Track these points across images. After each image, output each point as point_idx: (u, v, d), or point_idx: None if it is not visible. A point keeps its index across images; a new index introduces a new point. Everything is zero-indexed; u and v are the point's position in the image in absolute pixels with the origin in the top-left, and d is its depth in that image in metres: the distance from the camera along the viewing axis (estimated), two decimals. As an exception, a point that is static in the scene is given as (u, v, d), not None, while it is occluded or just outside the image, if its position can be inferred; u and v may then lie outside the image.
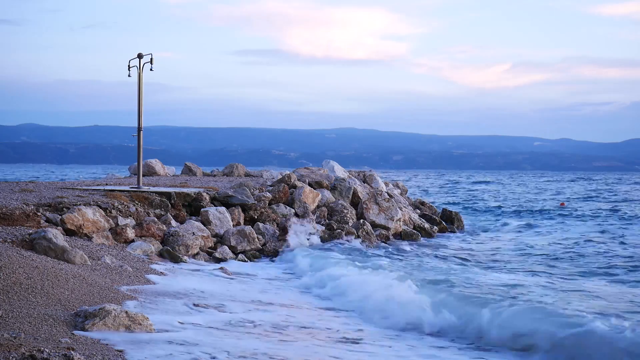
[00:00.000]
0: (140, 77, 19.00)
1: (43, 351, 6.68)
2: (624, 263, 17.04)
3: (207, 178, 26.35)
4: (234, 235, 16.88)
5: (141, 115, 19.29)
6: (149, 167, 27.49)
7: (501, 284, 13.35)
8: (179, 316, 9.57)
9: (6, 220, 13.82)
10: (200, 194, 18.41)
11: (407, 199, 28.45)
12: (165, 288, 11.53)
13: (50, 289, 9.61)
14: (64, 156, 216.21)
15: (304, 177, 22.12)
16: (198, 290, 11.59)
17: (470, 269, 15.53)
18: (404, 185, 29.55)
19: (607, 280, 14.57)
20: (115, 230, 15.19)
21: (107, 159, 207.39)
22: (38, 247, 12.12)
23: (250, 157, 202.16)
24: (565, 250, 19.74)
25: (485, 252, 19.08)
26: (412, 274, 13.77)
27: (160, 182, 22.06)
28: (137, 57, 18.93)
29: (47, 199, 16.19)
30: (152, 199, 17.46)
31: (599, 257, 18.23)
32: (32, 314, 8.28)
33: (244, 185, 19.80)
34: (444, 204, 38.94)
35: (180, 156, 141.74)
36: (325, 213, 20.01)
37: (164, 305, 10.17)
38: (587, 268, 16.23)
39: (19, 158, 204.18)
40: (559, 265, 16.75)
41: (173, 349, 7.83)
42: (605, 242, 21.76)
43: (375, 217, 20.52)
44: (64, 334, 7.74)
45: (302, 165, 33.07)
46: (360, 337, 9.31)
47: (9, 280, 9.38)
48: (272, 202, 19.66)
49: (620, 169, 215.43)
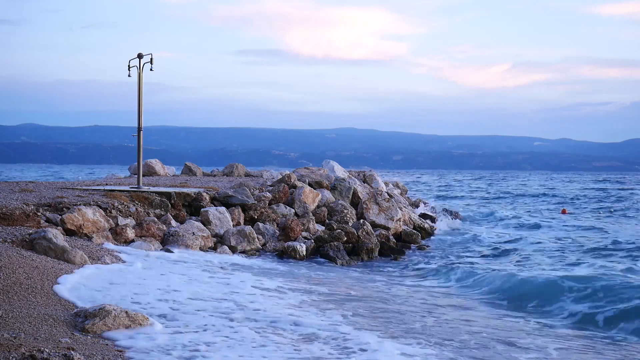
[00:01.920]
0: (140, 77, 18.99)
1: (43, 351, 6.67)
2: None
3: (207, 178, 26.35)
4: (234, 235, 16.88)
5: (141, 115, 19.28)
6: (149, 167, 27.49)
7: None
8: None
9: (6, 220, 13.82)
10: (200, 194, 18.41)
11: (407, 199, 28.46)
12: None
13: (50, 289, 9.61)
14: (64, 156, 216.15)
15: (304, 177, 22.12)
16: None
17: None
18: (404, 185, 29.57)
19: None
20: (115, 230, 15.19)
21: (107, 159, 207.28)
22: (38, 247, 12.11)
23: (250, 157, 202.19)
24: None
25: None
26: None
27: (160, 182, 22.06)
28: (137, 57, 18.93)
29: (47, 199, 16.19)
30: (152, 199, 17.46)
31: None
32: (32, 314, 8.28)
33: (244, 185, 19.80)
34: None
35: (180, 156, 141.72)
36: (325, 213, 20.01)
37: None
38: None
39: (19, 158, 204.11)
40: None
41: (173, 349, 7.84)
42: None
43: (375, 217, 20.50)
44: (64, 334, 7.74)
45: (302, 165, 33.07)
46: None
47: (9, 280, 9.38)
48: (272, 202, 19.66)
49: (620, 169, 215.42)
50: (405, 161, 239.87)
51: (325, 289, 12.69)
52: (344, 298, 11.98)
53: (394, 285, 14.17)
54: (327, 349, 8.34)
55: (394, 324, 10.14)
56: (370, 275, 15.53)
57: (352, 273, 15.62)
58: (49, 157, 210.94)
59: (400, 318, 10.67)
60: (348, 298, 12.03)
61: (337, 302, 11.41)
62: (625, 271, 15.59)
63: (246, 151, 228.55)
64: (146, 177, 24.55)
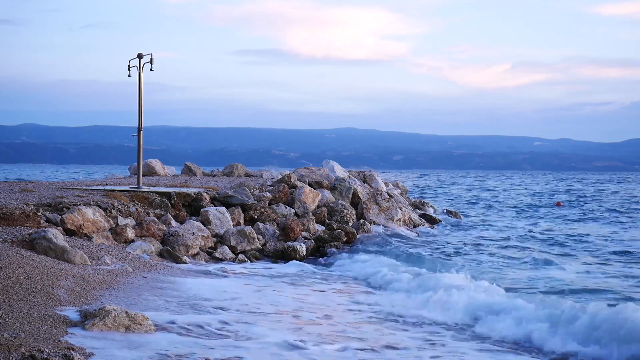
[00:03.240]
0: (140, 77, 19.00)
1: (43, 351, 6.68)
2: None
3: (207, 178, 26.36)
4: (234, 235, 16.88)
5: (141, 115, 19.29)
6: (149, 167, 27.51)
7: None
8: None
9: (6, 220, 13.82)
10: (200, 194, 18.41)
11: (407, 199, 28.48)
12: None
13: (50, 289, 9.61)
14: (64, 156, 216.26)
15: (304, 177, 22.13)
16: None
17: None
18: (403, 185, 29.59)
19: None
20: (115, 230, 15.19)
21: (107, 159, 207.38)
22: (38, 247, 12.12)
23: (250, 157, 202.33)
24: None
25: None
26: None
27: (160, 182, 22.06)
28: (137, 57, 18.94)
29: (47, 199, 16.19)
30: (152, 199, 17.47)
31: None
32: (32, 314, 8.28)
33: (244, 185, 19.80)
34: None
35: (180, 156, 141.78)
36: (325, 213, 20.02)
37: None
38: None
39: (19, 158, 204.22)
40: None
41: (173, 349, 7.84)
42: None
43: (375, 217, 20.52)
44: (64, 334, 7.75)
45: (302, 165, 33.11)
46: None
47: (9, 280, 9.39)
48: (272, 202, 19.66)
49: (620, 169, 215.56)
50: (405, 161, 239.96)
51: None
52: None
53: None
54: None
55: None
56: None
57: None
58: (49, 157, 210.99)
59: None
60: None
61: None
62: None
63: (246, 151, 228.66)
64: (146, 177, 24.57)
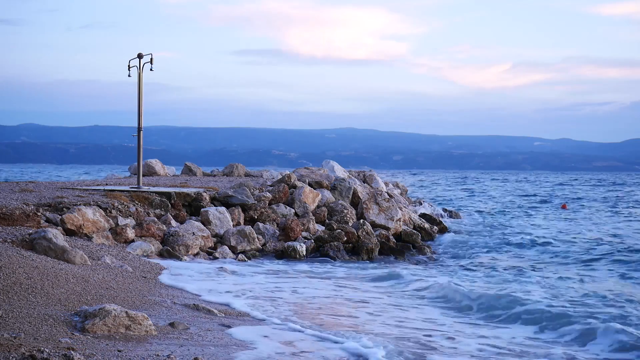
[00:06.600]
0: (140, 77, 19.00)
1: (43, 351, 6.67)
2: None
3: (207, 178, 26.36)
4: (234, 235, 16.88)
5: (141, 115, 19.29)
6: (149, 167, 27.50)
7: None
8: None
9: (6, 220, 13.82)
10: (200, 194, 18.41)
11: (407, 198, 28.49)
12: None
13: (50, 289, 9.61)
14: (63, 156, 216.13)
15: (304, 177, 22.11)
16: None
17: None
18: (403, 185, 29.59)
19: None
20: (115, 230, 15.19)
21: (107, 159, 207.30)
22: (38, 247, 12.11)
23: (250, 157, 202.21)
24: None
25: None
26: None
27: (160, 182, 22.06)
28: (137, 57, 18.94)
29: (47, 199, 16.19)
30: (152, 199, 17.46)
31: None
32: (32, 314, 8.27)
33: (244, 185, 19.80)
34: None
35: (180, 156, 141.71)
36: (325, 213, 20.01)
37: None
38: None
39: (19, 158, 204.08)
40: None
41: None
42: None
43: (375, 217, 20.50)
44: (64, 334, 7.74)
45: (302, 165, 33.09)
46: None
47: (9, 280, 9.38)
48: (272, 202, 19.65)
49: (620, 169, 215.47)
50: (405, 161, 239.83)
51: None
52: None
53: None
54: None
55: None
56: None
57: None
58: (49, 157, 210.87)
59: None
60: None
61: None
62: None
63: (246, 151, 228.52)
64: (146, 177, 24.56)
